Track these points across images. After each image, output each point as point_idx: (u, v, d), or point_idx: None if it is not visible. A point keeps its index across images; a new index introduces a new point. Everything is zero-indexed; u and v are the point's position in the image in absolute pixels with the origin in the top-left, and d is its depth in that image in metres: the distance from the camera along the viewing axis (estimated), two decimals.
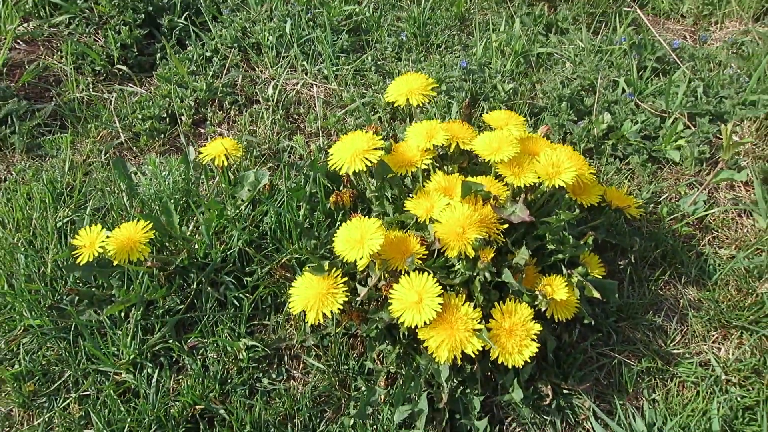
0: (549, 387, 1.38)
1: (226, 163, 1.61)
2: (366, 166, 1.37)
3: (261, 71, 2.44)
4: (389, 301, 1.26)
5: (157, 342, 1.45)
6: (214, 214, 1.52)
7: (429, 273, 1.27)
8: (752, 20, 2.89)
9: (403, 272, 1.30)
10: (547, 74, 2.36)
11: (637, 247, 1.56)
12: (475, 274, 1.31)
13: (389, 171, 1.44)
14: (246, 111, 2.19)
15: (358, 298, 1.31)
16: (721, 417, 1.34)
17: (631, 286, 1.61)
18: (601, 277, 1.42)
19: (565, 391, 1.41)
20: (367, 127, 1.61)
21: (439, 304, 1.23)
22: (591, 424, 1.36)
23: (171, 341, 1.45)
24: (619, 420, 1.36)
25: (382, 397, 1.37)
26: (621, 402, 1.40)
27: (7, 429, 1.38)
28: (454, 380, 1.37)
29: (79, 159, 1.97)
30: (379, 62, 2.48)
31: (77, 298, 1.51)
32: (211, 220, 1.52)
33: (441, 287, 1.25)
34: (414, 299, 1.24)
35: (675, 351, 1.49)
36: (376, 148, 1.39)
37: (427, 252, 1.33)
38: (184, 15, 2.60)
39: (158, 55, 2.48)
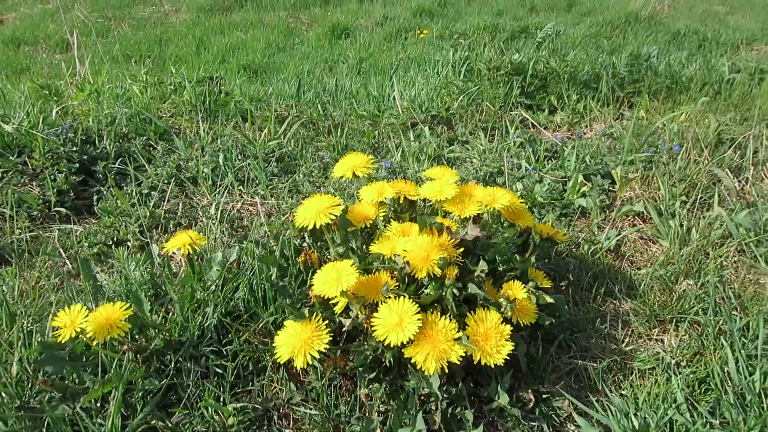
0: (530, 392, 1.51)
1: (192, 251, 1.73)
2: (330, 220, 1.56)
3: (199, 200, 2.63)
4: (373, 327, 1.39)
5: (139, 424, 1.44)
6: (188, 290, 1.61)
7: (405, 296, 1.43)
8: (614, 119, 3.53)
9: (380, 303, 1.45)
10: (459, 169, 2.74)
11: (572, 267, 1.81)
12: (443, 293, 1.48)
13: (351, 225, 1.64)
14: (193, 228, 2.34)
15: (345, 328, 1.43)
16: (681, 390, 1.52)
17: (576, 306, 1.83)
18: (549, 290, 1.63)
19: (544, 396, 1.53)
20: None
21: (419, 320, 1.38)
22: (574, 418, 1.48)
23: (154, 421, 1.45)
24: (597, 412, 1.50)
25: (378, 429, 1.43)
26: (595, 398, 1.54)
27: None
28: (443, 403, 1.46)
29: (29, 286, 1.99)
30: (309, 179, 2.77)
31: (48, 395, 1.49)
32: (185, 297, 1.60)
33: (418, 306, 1.41)
34: (395, 320, 1.38)
35: (627, 349, 1.69)
36: (335, 205, 1.60)
37: (398, 284, 1.50)
38: (119, 161, 2.81)
39: (95, 197, 2.62)
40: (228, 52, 6.96)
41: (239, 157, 2.86)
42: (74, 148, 2.78)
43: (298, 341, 1.41)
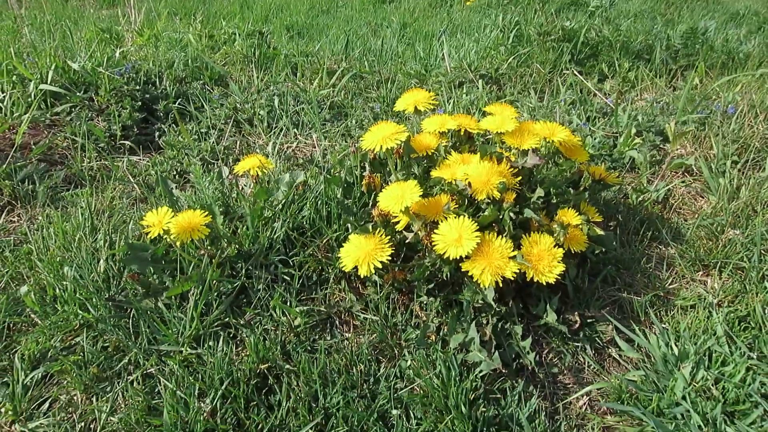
0: (576, 314, 1.65)
1: (261, 173, 1.90)
2: (396, 144, 1.71)
3: (255, 139, 2.80)
4: (433, 242, 1.54)
5: (214, 320, 1.62)
6: (259, 205, 1.77)
7: (465, 215, 1.57)
8: (666, 87, 3.59)
9: (440, 221, 1.60)
10: None
11: (621, 210, 1.93)
12: (501, 215, 1.62)
13: (413, 151, 1.78)
14: None
15: (408, 240, 1.58)
16: (721, 325, 1.64)
17: (623, 247, 1.95)
18: (599, 224, 1.76)
19: (588, 320, 1.67)
20: None
21: (477, 237, 1.52)
22: (616, 342, 1.62)
23: (228, 318, 1.63)
24: (639, 338, 1.63)
25: (433, 336, 1.59)
26: (637, 327, 1.67)
27: (71, 412, 1.47)
28: (494, 318, 1.61)
29: (104, 204, 2.18)
30: (361, 126, 2.92)
31: (132, 290, 1.68)
32: (256, 211, 1.77)
33: (477, 225, 1.55)
34: (455, 236, 1.52)
35: (670, 287, 1.81)
36: (400, 131, 1.74)
37: (457, 205, 1.64)
38: (178, 101, 2.99)
39: (156, 134, 2.81)
40: (271, 13, 7.10)
41: (293, 103, 3.02)
42: (137, 87, 2.97)
43: (362, 252, 1.57)
